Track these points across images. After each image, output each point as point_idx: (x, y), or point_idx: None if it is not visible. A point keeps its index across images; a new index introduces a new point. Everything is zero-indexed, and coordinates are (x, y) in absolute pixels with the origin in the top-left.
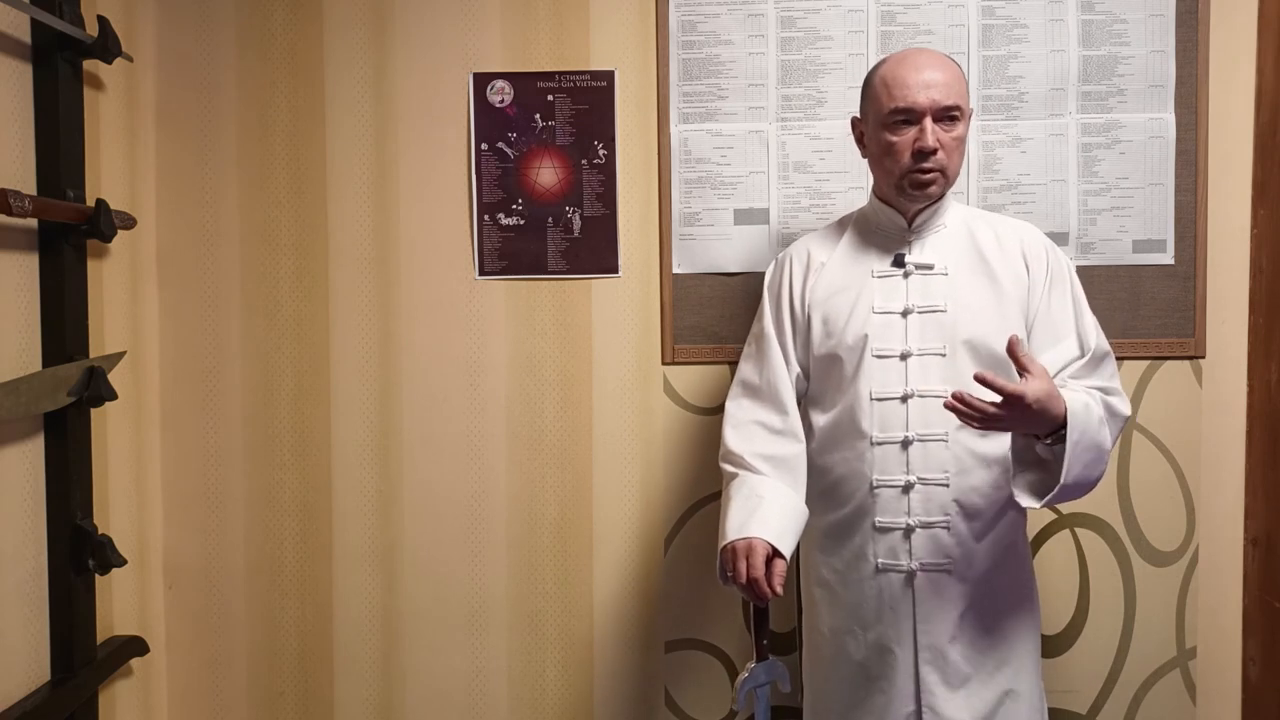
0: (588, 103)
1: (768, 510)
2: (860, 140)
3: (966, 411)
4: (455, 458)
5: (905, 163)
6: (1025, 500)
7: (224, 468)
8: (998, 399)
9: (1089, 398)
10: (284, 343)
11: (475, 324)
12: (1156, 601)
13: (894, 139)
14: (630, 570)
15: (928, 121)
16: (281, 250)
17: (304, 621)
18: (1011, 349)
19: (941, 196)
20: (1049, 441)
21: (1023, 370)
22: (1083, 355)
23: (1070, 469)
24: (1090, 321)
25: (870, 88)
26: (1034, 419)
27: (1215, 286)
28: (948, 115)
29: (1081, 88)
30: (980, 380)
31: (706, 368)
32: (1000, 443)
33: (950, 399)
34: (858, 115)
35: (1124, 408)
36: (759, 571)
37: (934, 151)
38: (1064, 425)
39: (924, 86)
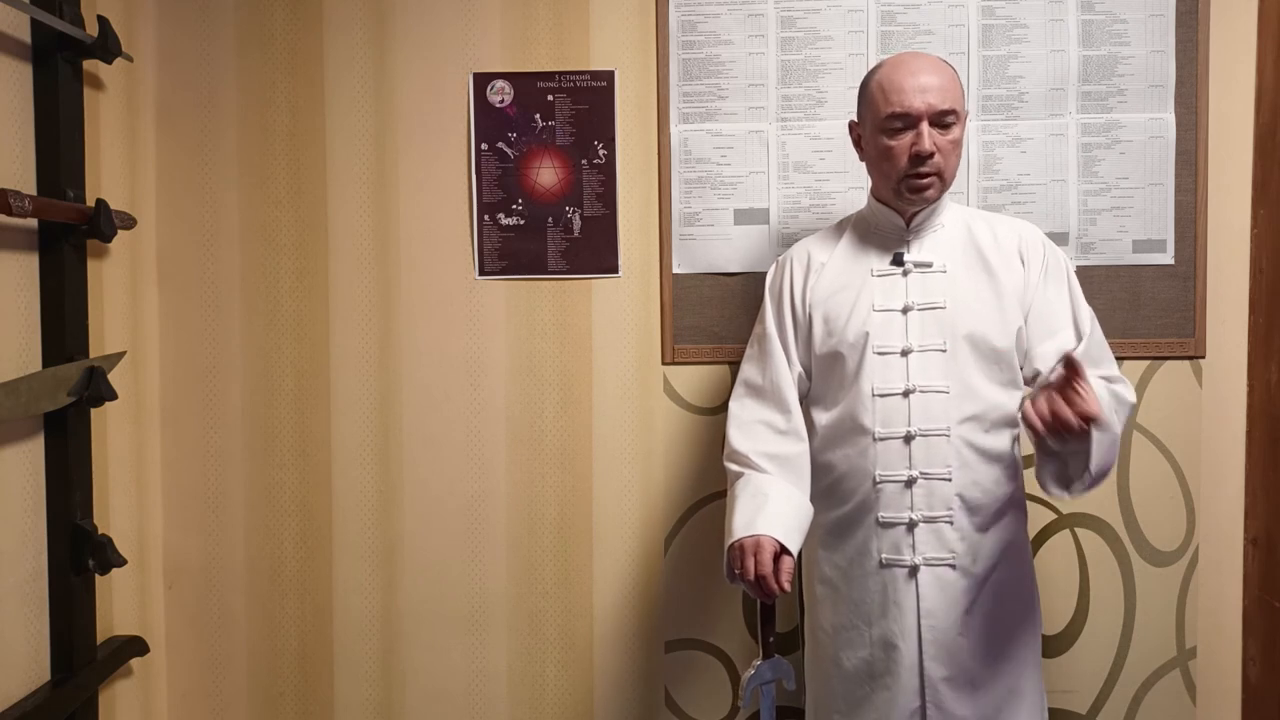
0: (588, 103)
1: (774, 508)
2: (858, 144)
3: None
4: (455, 458)
5: (902, 167)
6: (1056, 491)
7: (224, 468)
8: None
9: (1099, 387)
10: (284, 343)
11: (475, 324)
12: (1156, 601)
13: (891, 144)
14: (630, 570)
15: (924, 126)
16: (281, 250)
17: (304, 621)
18: (1070, 363)
19: (939, 198)
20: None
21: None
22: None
23: (1095, 457)
24: (1087, 314)
25: (866, 92)
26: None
27: (1215, 286)
28: (943, 119)
29: (1081, 88)
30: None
31: (706, 368)
32: (1001, 439)
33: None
34: (854, 119)
35: (1129, 395)
36: (767, 568)
37: (930, 155)
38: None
39: (919, 91)
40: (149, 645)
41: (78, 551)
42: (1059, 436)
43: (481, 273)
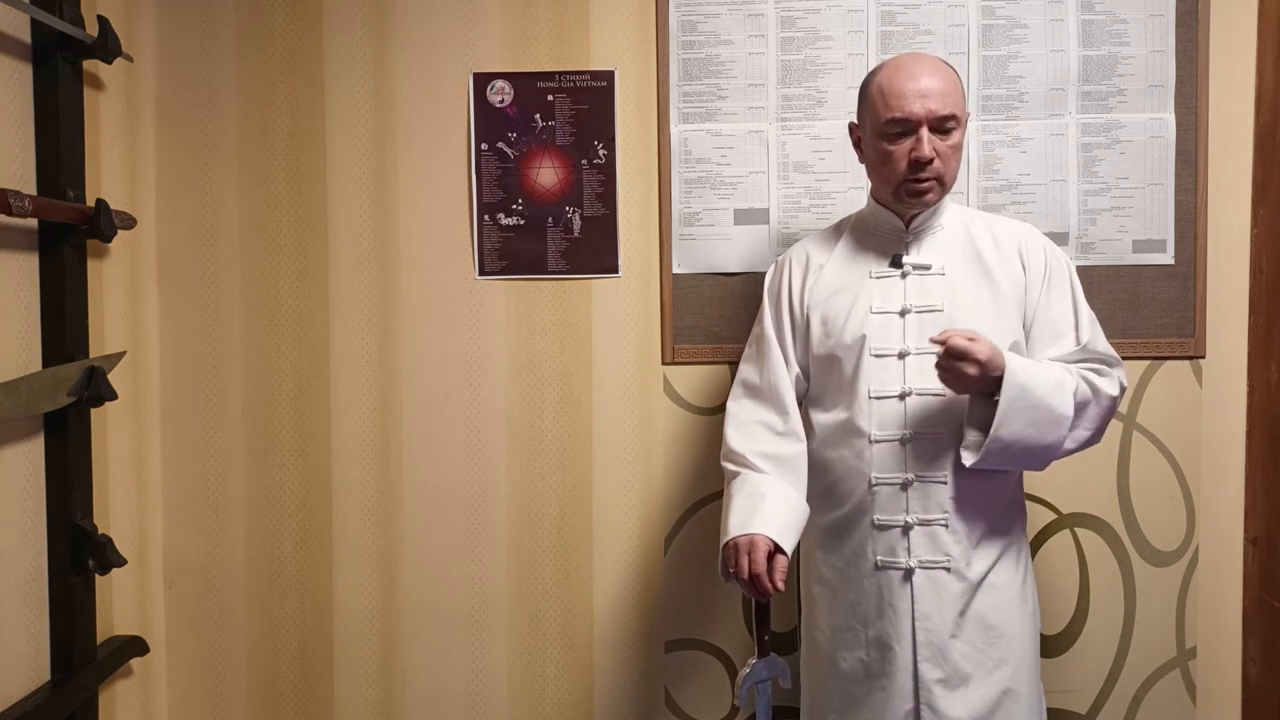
0: (588, 103)
1: (769, 507)
2: (857, 146)
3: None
4: (455, 458)
5: (902, 171)
6: (966, 457)
7: (224, 468)
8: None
9: (1051, 365)
10: (284, 343)
11: (475, 324)
12: (1156, 601)
13: (891, 148)
14: (630, 570)
15: (924, 131)
16: (281, 250)
17: (304, 621)
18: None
19: (939, 201)
20: (996, 399)
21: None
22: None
23: (1007, 420)
24: (1087, 317)
25: (867, 95)
26: (973, 368)
27: (1215, 286)
28: (944, 124)
29: (1081, 88)
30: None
31: (706, 368)
32: None
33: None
34: (854, 121)
35: (1108, 387)
36: (761, 567)
37: (930, 161)
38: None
39: (920, 96)
40: (149, 645)
41: (78, 551)
42: (955, 375)
43: (481, 273)
